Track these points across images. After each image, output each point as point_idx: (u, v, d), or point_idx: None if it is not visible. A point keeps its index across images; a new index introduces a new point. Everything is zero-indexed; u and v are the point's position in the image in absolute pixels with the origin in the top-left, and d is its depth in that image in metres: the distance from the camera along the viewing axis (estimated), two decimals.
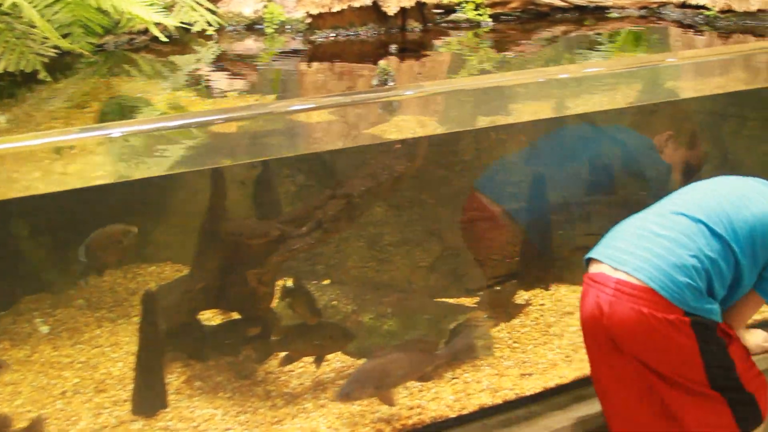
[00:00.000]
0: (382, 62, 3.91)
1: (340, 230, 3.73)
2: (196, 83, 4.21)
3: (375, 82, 3.62)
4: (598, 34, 5.35)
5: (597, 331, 3.20)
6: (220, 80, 4.29)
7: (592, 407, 3.66)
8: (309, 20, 4.91)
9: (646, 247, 3.18)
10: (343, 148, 3.88)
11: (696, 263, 3.11)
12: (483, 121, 3.88)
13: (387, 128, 3.51)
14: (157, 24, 4.33)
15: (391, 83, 3.57)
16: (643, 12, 5.64)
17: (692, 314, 3.09)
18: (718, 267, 3.16)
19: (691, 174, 4.65)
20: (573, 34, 5.35)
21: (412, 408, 3.70)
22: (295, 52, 4.82)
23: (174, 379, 3.88)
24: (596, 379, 3.36)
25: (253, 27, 5.03)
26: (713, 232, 3.17)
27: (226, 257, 3.71)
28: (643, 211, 3.40)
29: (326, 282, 4.38)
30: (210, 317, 4.14)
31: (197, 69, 4.49)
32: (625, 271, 3.16)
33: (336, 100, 3.32)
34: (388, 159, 3.64)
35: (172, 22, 4.44)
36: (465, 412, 3.71)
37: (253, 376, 3.90)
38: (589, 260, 3.34)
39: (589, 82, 3.90)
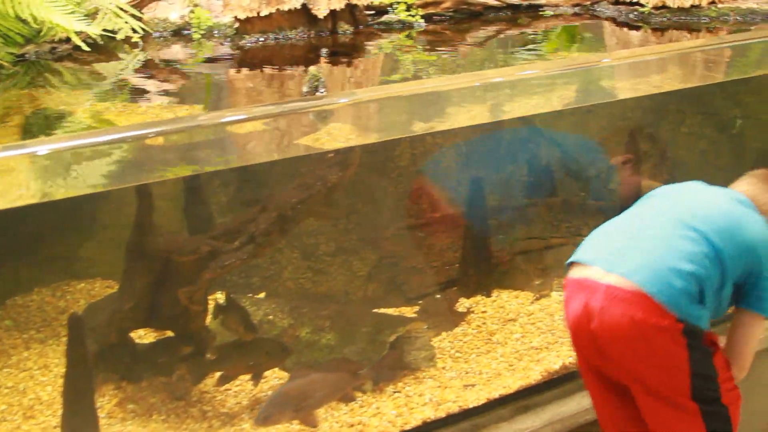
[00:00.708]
0: (312, 68, 3.79)
1: (272, 244, 3.61)
2: (123, 92, 4.07)
3: (305, 89, 3.50)
4: (533, 33, 5.29)
5: (584, 337, 3.10)
6: (147, 89, 4.16)
7: (537, 418, 3.59)
8: (237, 25, 4.78)
9: (641, 249, 3.07)
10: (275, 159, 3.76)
11: (692, 268, 3.01)
12: (419, 127, 3.78)
13: (319, 137, 3.40)
14: (79, 32, 4.18)
15: (322, 90, 3.46)
16: (577, 9, 5.61)
17: (684, 320, 3.00)
18: (711, 274, 3.08)
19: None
20: (507, 34, 5.30)
21: (352, 425, 3.62)
22: (223, 57, 4.69)
23: (106, 402, 3.73)
24: (584, 381, 3.26)
25: (180, 33, 4.89)
26: (708, 240, 3.08)
27: (156, 275, 3.57)
28: (627, 215, 3.31)
29: (262, 295, 4.27)
30: (143, 335, 4.00)
31: (123, 78, 4.35)
32: (619, 273, 3.02)
33: (265, 111, 3.20)
34: (321, 169, 3.52)
35: (94, 30, 4.28)
36: (408, 427, 3.61)
37: (188, 397, 3.77)
38: (571, 264, 3.19)
39: (525, 85, 3.82)
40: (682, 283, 2.99)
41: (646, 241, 3.09)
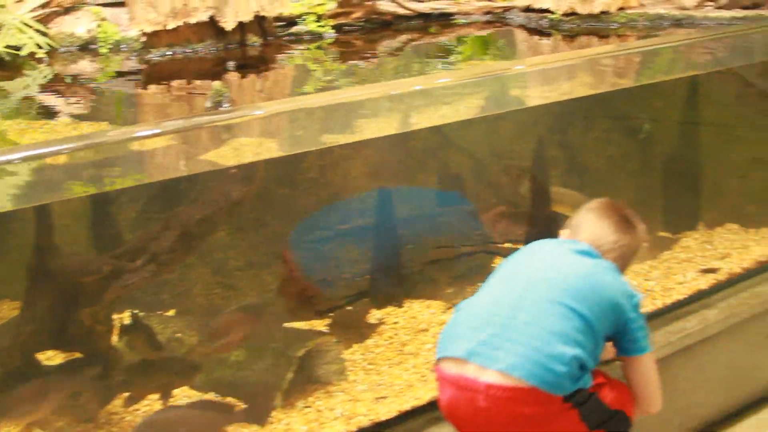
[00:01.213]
0: (216, 83, 3.79)
1: (176, 261, 3.58)
2: (27, 110, 4.03)
3: (208, 104, 3.49)
4: (446, 42, 5.33)
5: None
6: (53, 105, 4.11)
7: (448, 429, 3.59)
8: (144, 39, 4.75)
9: (516, 340, 2.98)
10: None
11: (571, 350, 2.98)
12: (328, 140, 3.77)
13: (224, 152, 3.37)
14: None
15: (226, 105, 3.44)
16: (488, 17, 5.70)
17: (571, 396, 3.00)
18: (587, 345, 3.07)
19: None
20: (419, 43, 5.32)
21: None
22: (131, 72, 4.66)
23: (12, 427, 3.67)
24: None
25: (87, 47, 4.88)
26: (577, 313, 3.06)
27: (58, 295, 3.52)
28: (491, 293, 3.22)
29: (171, 313, 4.23)
30: (51, 356, 3.95)
31: (28, 94, 4.31)
32: (497, 369, 2.95)
33: (167, 126, 3.17)
34: (225, 184, 3.50)
35: None
36: None
37: (95, 419, 3.71)
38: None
39: (435, 94, 3.83)
40: (564, 368, 2.96)
41: (519, 330, 3.00)
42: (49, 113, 3.97)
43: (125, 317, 3.87)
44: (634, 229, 3.49)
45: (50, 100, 4.25)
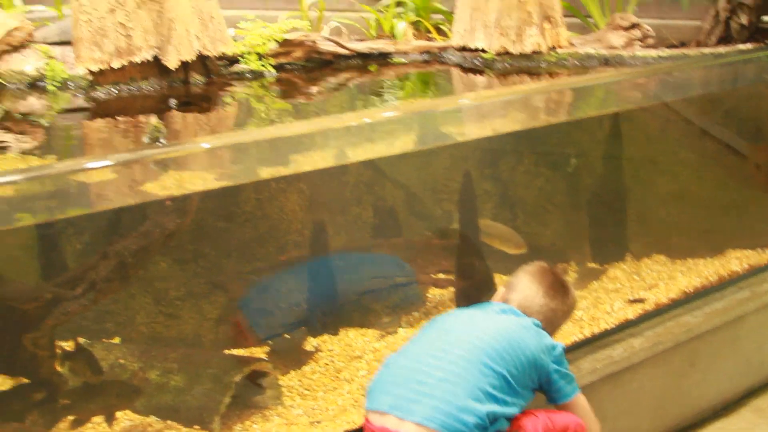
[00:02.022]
0: (152, 120, 3.95)
1: (113, 290, 3.72)
2: None
3: (146, 140, 3.63)
4: (383, 80, 5.51)
5: None
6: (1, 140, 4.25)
7: None
8: (90, 77, 4.89)
9: (433, 395, 3.22)
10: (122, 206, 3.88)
11: (481, 405, 3.23)
12: (264, 173, 3.94)
13: (162, 183, 3.52)
14: None
15: (163, 141, 3.59)
16: (425, 56, 5.84)
17: None
18: (504, 399, 3.32)
19: None
20: (357, 81, 5.50)
21: None
22: (78, 109, 4.81)
23: None
24: None
25: (35, 84, 5.00)
26: (494, 371, 3.31)
27: (2, 322, 3.66)
28: (410, 349, 3.47)
29: (116, 340, 4.37)
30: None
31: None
32: (414, 421, 3.18)
33: (106, 160, 3.32)
34: (160, 216, 3.66)
35: None
36: None
37: None
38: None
39: (370, 130, 4.00)
40: (474, 419, 3.19)
41: (435, 386, 3.25)
42: None
43: (68, 344, 4.00)
44: (564, 296, 3.79)
45: None
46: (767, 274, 5.42)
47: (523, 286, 3.75)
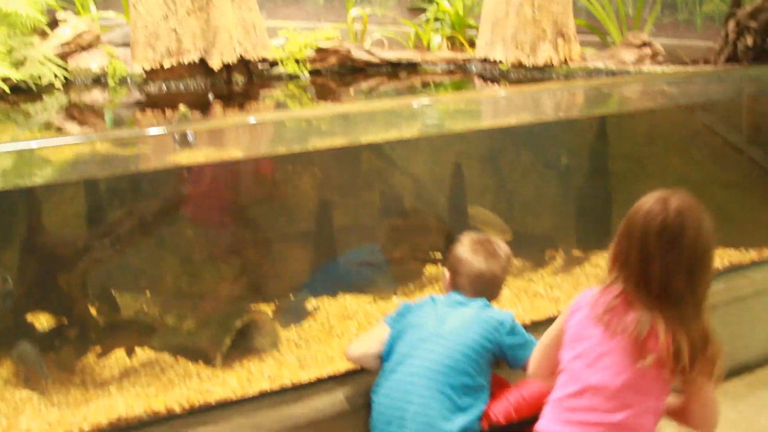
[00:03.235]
0: (182, 107, 4.71)
1: (134, 242, 4.48)
2: (47, 128, 4.94)
3: (174, 122, 4.38)
4: (411, 85, 6.17)
5: None
6: (69, 126, 5.03)
7: (355, 387, 4.36)
8: (144, 75, 5.70)
9: (412, 428, 3.92)
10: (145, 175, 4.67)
11: (453, 423, 3.91)
12: (280, 150, 4.66)
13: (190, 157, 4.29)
14: (6, 79, 5.10)
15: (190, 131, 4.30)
16: (450, 66, 6.49)
17: None
18: (472, 401, 4.00)
19: None
20: (389, 85, 6.16)
21: (200, 392, 4.32)
22: (134, 103, 5.60)
23: (4, 370, 4.56)
24: None
25: (99, 80, 5.82)
26: (454, 386, 3.98)
27: (44, 266, 4.45)
28: (387, 384, 4.08)
29: (152, 295, 5.13)
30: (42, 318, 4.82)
31: (48, 117, 5.22)
32: None
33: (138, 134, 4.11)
34: (177, 184, 4.43)
35: (17, 75, 5.21)
36: (245, 396, 4.31)
37: (72, 368, 4.58)
38: None
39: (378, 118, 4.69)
40: (455, 429, 3.89)
41: (414, 419, 3.92)
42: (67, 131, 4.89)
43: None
44: (498, 254, 4.33)
45: (68, 122, 5.17)
46: (746, 271, 5.84)
47: (466, 264, 4.28)
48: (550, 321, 4.59)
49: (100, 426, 4.03)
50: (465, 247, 4.34)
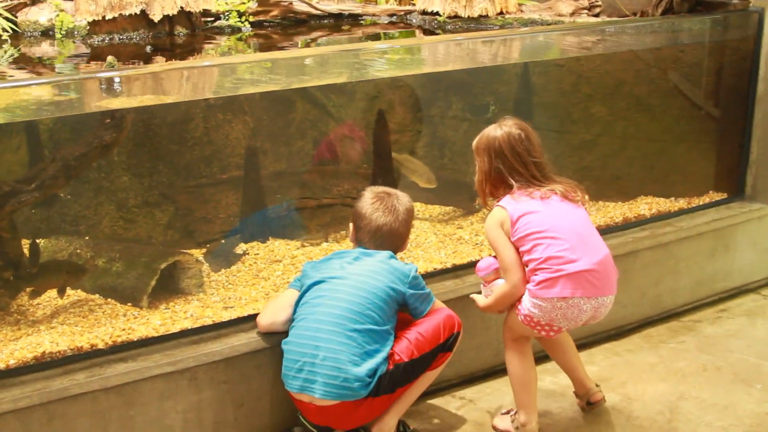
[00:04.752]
0: (109, 57, 4.91)
1: (59, 187, 4.71)
2: None
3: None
4: (355, 36, 6.35)
5: None
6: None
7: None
8: (88, 27, 5.89)
9: (323, 373, 4.18)
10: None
11: (360, 368, 4.18)
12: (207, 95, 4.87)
13: (112, 103, 4.51)
14: None
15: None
16: (392, 18, 6.66)
17: (373, 390, 4.21)
18: (378, 344, 4.26)
19: None
20: (332, 37, 6.33)
21: (124, 329, 4.58)
22: (80, 55, 5.80)
23: None
24: None
25: (47, 33, 6.03)
26: (360, 331, 4.23)
27: None
28: (296, 332, 4.32)
29: (86, 238, 5.36)
30: None
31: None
32: (318, 396, 4.20)
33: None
34: (100, 130, 4.65)
35: None
36: (167, 333, 4.55)
37: (6, 308, 4.82)
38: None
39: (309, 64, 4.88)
40: (359, 382, 4.16)
41: (322, 365, 4.17)
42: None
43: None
44: (397, 212, 4.51)
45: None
46: (671, 219, 6.07)
47: (365, 219, 4.49)
48: (471, 264, 4.89)
49: (25, 360, 4.25)
50: (364, 202, 4.52)
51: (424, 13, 6.48)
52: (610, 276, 4.29)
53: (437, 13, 6.36)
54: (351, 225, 4.56)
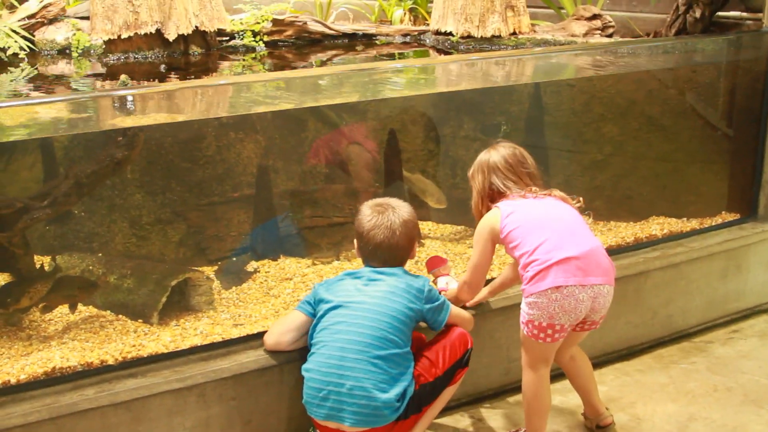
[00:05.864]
0: (123, 76, 4.97)
1: (71, 203, 4.76)
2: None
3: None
4: (369, 56, 6.39)
5: None
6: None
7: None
8: (104, 46, 5.95)
9: (351, 402, 4.11)
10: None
11: (387, 394, 4.13)
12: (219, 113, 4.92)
13: (125, 121, 4.57)
14: None
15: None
16: (406, 39, 6.69)
17: (402, 415, 4.21)
18: (401, 367, 4.22)
19: None
20: (345, 57, 6.36)
21: (134, 345, 4.62)
22: (96, 74, 5.86)
23: None
24: None
25: (64, 51, 6.09)
26: (383, 357, 4.17)
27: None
28: (318, 360, 4.22)
29: (99, 255, 5.41)
30: None
31: (15, 87, 5.48)
32: (348, 425, 4.13)
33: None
34: (111, 148, 4.70)
35: None
36: (177, 350, 4.57)
37: (19, 324, 4.87)
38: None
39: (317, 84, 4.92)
40: (388, 409, 4.13)
41: (350, 394, 4.10)
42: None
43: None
44: (394, 227, 4.38)
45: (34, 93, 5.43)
46: (683, 240, 6.04)
47: (364, 237, 4.39)
48: None
49: (36, 375, 4.29)
50: (362, 219, 4.41)
51: (437, 33, 6.50)
52: (602, 264, 4.24)
53: (450, 33, 6.37)
54: (355, 241, 4.51)
